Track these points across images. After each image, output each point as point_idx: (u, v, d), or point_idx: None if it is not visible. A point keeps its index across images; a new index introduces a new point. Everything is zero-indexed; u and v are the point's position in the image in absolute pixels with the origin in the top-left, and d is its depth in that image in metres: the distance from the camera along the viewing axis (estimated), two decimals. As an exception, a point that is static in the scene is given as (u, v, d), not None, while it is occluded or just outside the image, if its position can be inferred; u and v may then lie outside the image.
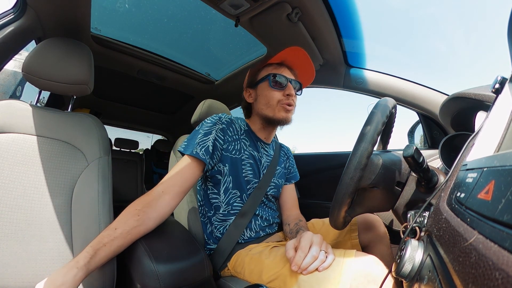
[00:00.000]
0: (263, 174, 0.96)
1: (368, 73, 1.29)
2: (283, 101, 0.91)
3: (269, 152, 1.03)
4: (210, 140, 0.82)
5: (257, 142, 0.98)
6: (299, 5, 0.96)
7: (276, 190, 1.01)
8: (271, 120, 0.93)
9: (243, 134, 0.94)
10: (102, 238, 0.63)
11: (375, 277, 0.57)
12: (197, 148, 0.80)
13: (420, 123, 1.29)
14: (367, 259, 0.63)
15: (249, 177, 0.92)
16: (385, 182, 0.60)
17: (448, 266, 0.26)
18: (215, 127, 0.86)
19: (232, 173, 0.89)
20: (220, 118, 0.89)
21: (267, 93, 0.92)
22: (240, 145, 0.91)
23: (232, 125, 0.92)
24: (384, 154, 0.64)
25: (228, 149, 0.88)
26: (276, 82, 0.91)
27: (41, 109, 0.83)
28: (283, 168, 1.07)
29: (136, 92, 2.06)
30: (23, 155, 0.75)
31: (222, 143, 0.87)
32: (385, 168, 0.60)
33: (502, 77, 0.45)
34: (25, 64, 0.80)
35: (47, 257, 0.70)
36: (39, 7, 0.94)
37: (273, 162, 1.00)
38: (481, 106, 0.60)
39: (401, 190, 0.60)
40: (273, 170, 0.99)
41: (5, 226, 0.68)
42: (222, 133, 0.87)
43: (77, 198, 0.77)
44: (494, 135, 0.36)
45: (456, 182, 0.36)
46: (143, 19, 1.42)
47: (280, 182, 1.03)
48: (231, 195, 0.90)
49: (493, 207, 0.21)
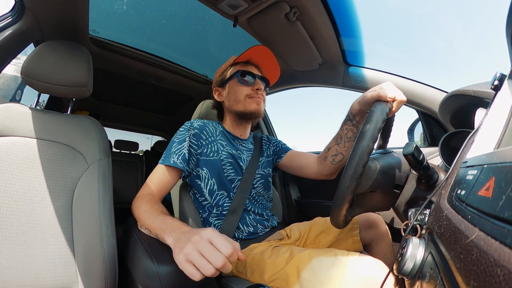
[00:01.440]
0: (245, 168, 0.97)
1: (367, 72, 1.29)
2: (252, 95, 0.95)
3: (249, 147, 1.05)
4: (185, 148, 0.87)
5: (233, 141, 1.01)
6: (297, 5, 0.96)
7: (264, 181, 1.02)
8: (243, 114, 0.96)
9: (219, 135, 0.97)
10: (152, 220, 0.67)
11: (378, 283, 0.57)
12: (174, 157, 0.84)
13: (420, 121, 1.29)
14: (371, 263, 0.63)
15: (231, 176, 0.93)
16: (383, 187, 0.61)
17: (449, 263, 0.26)
18: (188, 133, 0.90)
19: (214, 175, 0.91)
20: (191, 124, 0.93)
21: (236, 89, 0.96)
22: (216, 146, 0.93)
23: (206, 128, 0.95)
24: (382, 157, 0.64)
25: (204, 153, 0.91)
26: (244, 78, 0.95)
27: (41, 112, 0.83)
28: (267, 157, 1.08)
29: (135, 93, 2.06)
30: (23, 158, 0.75)
31: (196, 148, 0.90)
32: (382, 173, 0.60)
33: (501, 74, 0.45)
34: (23, 67, 0.79)
35: (48, 260, 0.70)
36: (37, 10, 0.94)
37: (254, 155, 1.02)
38: (480, 103, 0.60)
39: (400, 192, 0.60)
40: (256, 162, 1.00)
41: (6, 229, 0.68)
42: (195, 138, 0.91)
43: (77, 201, 0.77)
44: (493, 132, 0.36)
45: (457, 180, 0.36)
46: (141, 20, 1.42)
47: (266, 172, 1.04)
48: (218, 196, 0.91)
49: (494, 204, 0.21)
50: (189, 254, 0.49)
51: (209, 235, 0.51)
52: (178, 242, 0.54)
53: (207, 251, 0.48)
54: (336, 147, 0.88)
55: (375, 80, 1.26)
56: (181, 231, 0.57)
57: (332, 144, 0.89)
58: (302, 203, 1.64)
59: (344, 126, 0.84)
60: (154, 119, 2.67)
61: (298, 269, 0.68)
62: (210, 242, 0.50)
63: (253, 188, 0.97)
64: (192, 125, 0.93)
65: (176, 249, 0.53)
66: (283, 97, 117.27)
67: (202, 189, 0.92)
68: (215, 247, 0.49)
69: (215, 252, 0.49)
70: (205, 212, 0.93)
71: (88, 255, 0.73)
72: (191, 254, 0.49)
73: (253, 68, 0.98)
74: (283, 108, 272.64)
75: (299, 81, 1.55)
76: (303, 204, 1.64)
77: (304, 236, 0.97)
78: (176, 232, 0.57)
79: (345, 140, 0.85)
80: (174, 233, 0.58)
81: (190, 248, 0.49)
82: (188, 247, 0.50)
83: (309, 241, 0.96)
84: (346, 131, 0.84)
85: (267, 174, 1.05)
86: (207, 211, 0.92)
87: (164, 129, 3.04)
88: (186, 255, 0.49)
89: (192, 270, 0.49)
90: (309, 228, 0.98)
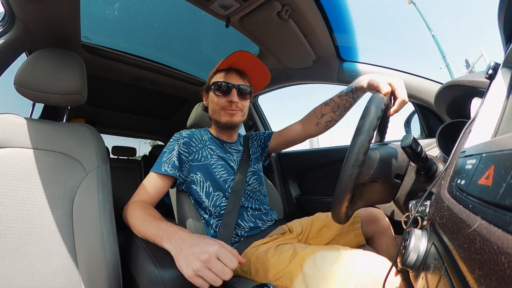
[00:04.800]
0: (236, 170, 1.00)
1: (362, 66, 1.29)
2: (225, 107, 0.96)
3: (238, 148, 1.08)
4: (174, 156, 0.90)
5: (222, 145, 1.04)
6: (289, 2, 0.96)
7: (257, 176, 1.05)
8: (219, 124, 1.00)
9: (208, 141, 1.01)
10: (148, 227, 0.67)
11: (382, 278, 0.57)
12: (165, 166, 0.87)
13: (416, 113, 1.29)
14: (374, 258, 0.64)
15: (224, 177, 0.95)
16: (384, 176, 0.61)
17: (453, 253, 0.26)
18: (177, 143, 0.93)
19: (208, 178, 0.94)
20: (180, 134, 0.97)
21: (212, 100, 0.99)
22: (206, 151, 0.97)
23: (194, 136, 0.99)
24: (381, 147, 0.64)
25: (196, 159, 0.95)
26: (219, 90, 0.96)
27: (36, 122, 0.82)
28: (253, 154, 1.10)
29: (131, 98, 2.05)
30: (20, 169, 0.74)
31: (188, 155, 0.94)
32: (382, 162, 0.61)
33: (495, 63, 0.45)
34: (16, 77, 0.79)
35: (51, 271, 0.69)
36: (27, 18, 0.93)
37: (244, 156, 1.05)
38: (475, 92, 0.60)
39: (401, 182, 0.61)
40: (247, 160, 1.04)
41: (8, 241, 0.67)
42: (185, 146, 0.94)
43: (78, 209, 0.77)
44: (490, 121, 0.37)
45: (456, 170, 0.36)
46: (133, 25, 1.42)
47: (257, 167, 1.08)
48: (215, 197, 0.93)
49: (494, 192, 0.22)
50: (199, 271, 0.51)
51: (217, 251, 0.53)
52: (182, 253, 0.55)
53: (216, 268, 0.52)
54: (332, 115, 0.94)
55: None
56: (180, 238, 0.58)
57: (327, 111, 0.94)
58: (302, 200, 1.65)
59: (344, 96, 0.89)
60: (151, 123, 2.66)
61: (302, 267, 0.68)
62: (218, 258, 0.53)
63: (248, 185, 0.99)
64: (181, 135, 0.97)
65: (181, 261, 0.54)
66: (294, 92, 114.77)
67: (198, 192, 0.93)
68: (223, 263, 0.52)
69: (224, 268, 0.52)
70: (206, 214, 0.94)
71: (91, 263, 0.73)
72: (201, 271, 0.51)
73: (232, 76, 0.97)
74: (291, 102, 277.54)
75: (294, 78, 1.55)
76: (303, 201, 1.64)
77: (306, 230, 0.97)
78: (175, 239, 0.58)
79: (342, 109, 0.92)
80: (173, 240, 0.59)
81: (200, 265, 0.52)
82: (196, 263, 0.52)
83: (311, 236, 0.96)
84: (344, 102, 0.90)
85: (258, 169, 1.08)
86: (207, 212, 0.93)
87: (161, 133, 3.03)
88: (195, 271, 0.52)
89: (201, 282, 0.52)
90: (311, 223, 0.99)
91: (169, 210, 1.15)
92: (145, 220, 0.69)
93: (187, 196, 0.98)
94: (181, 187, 0.96)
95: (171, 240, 0.59)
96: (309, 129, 1.01)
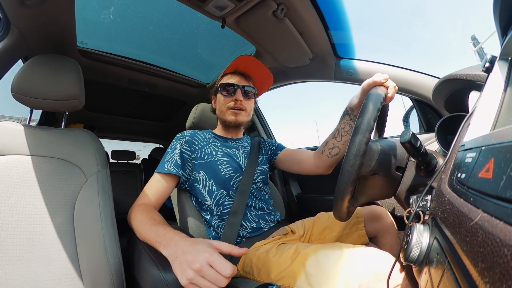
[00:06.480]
0: (245, 164, 1.01)
1: (358, 63, 1.29)
2: (231, 106, 1.02)
3: (244, 145, 1.10)
4: (177, 155, 0.91)
5: (227, 142, 1.06)
6: (284, 1, 0.96)
7: (264, 177, 1.05)
8: (225, 123, 1.05)
9: (211, 139, 1.03)
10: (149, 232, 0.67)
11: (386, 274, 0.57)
12: (167, 165, 0.89)
13: (414, 108, 1.29)
14: (377, 254, 0.64)
15: (229, 173, 0.95)
16: (385, 167, 0.61)
17: (455, 247, 0.26)
18: (179, 141, 0.95)
19: (212, 176, 0.94)
20: (183, 133, 1.00)
21: (220, 100, 1.06)
22: (210, 148, 0.99)
23: (197, 135, 1.02)
24: (382, 140, 0.65)
25: (199, 157, 0.95)
26: (225, 90, 1.03)
27: (34, 128, 0.82)
28: (265, 155, 1.13)
29: (128, 102, 2.05)
30: (20, 176, 0.74)
31: (190, 154, 0.95)
32: (383, 153, 0.61)
33: (492, 56, 0.45)
34: (13, 84, 0.78)
35: (54, 277, 0.69)
36: (23, 25, 0.92)
37: (253, 150, 1.07)
38: (473, 86, 0.60)
39: (402, 176, 0.61)
40: (256, 158, 1.05)
41: (9, 250, 0.67)
42: (187, 144, 0.96)
43: (79, 215, 0.76)
44: (489, 114, 0.37)
45: (456, 163, 0.36)
46: (128, 28, 1.41)
47: (265, 168, 1.08)
48: (218, 195, 0.93)
49: (495, 184, 0.22)
50: (193, 280, 0.51)
51: (207, 259, 0.52)
52: (176, 261, 0.55)
53: (209, 276, 0.51)
54: (333, 141, 0.92)
55: (367, 71, 1.27)
56: (175, 245, 0.58)
57: (330, 138, 0.93)
58: (304, 199, 1.65)
59: (342, 121, 0.88)
60: (149, 126, 2.66)
61: (304, 266, 0.68)
62: (210, 266, 0.52)
63: (254, 184, 1.00)
64: (183, 134, 0.99)
65: (176, 269, 0.54)
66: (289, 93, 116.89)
67: (201, 191, 0.93)
68: (216, 271, 0.51)
69: (217, 275, 0.51)
70: (207, 214, 0.93)
71: (93, 269, 0.73)
72: (195, 279, 0.51)
73: (237, 78, 1.04)
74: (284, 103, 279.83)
75: (292, 77, 1.55)
76: (305, 200, 1.64)
77: (309, 231, 0.97)
78: (171, 246, 0.58)
79: (342, 134, 0.89)
80: (169, 247, 0.59)
81: (193, 274, 0.51)
82: (189, 272, 0.51)
83: (314, 237, 0.96)
84: (343, 125, 0.88)
85: (265, 170, 1.08)
86: (209, 213, 0.93)
87: (160, 136, 3.03)
88: (189, 279, 0.51)
89: None
90: (313, 224, 0.99)
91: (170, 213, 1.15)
92: (146, 223, 0.69)
93: (188, 198, 0.98)
94: (184, 185, 0.96)
95: (167, 247, 0.59)
96: (316, 158, 0.99)
